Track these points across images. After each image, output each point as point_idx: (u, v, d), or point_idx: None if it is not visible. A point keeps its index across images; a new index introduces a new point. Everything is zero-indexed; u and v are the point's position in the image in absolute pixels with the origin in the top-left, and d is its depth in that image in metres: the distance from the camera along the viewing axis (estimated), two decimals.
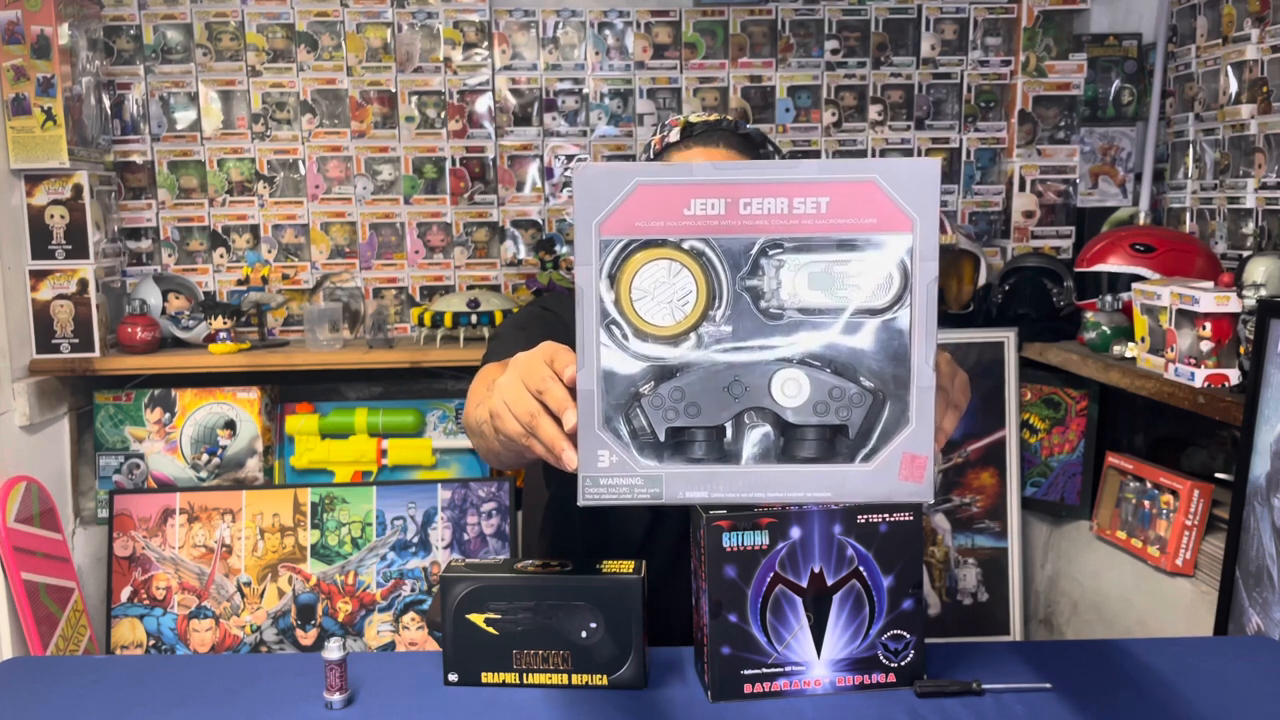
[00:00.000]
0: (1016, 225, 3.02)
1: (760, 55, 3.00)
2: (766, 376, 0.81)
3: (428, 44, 2.95)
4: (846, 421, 0.81)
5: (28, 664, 1.71)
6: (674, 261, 0.80)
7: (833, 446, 0.82)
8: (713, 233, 0.79)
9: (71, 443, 2.76)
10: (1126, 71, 3.05)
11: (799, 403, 0.81)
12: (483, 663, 1.30)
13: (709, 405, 0.81)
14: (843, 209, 0.79)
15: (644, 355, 0.81)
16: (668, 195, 0.79)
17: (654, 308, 0.81)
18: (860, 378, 0.81)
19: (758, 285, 0.81)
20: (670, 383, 0.81)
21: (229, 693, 1.32)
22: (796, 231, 0.79)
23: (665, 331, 0.81)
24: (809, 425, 0.81)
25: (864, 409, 0.81)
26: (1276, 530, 1.83)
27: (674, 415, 0.81)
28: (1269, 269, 2.10)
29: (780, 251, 0.80)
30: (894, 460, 0.81)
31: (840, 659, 1.28)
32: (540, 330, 1.40)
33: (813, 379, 0.80)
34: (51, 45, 2.50)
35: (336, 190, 2.98)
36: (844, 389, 0.80)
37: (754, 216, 0.79)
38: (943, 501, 2.77)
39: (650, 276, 0.80)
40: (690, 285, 0.80)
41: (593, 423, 0.82)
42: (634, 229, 0.80)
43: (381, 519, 2.77)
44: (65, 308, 2.60)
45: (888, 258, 0.79)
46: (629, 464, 0.81)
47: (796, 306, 0.80)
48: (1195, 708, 1.25)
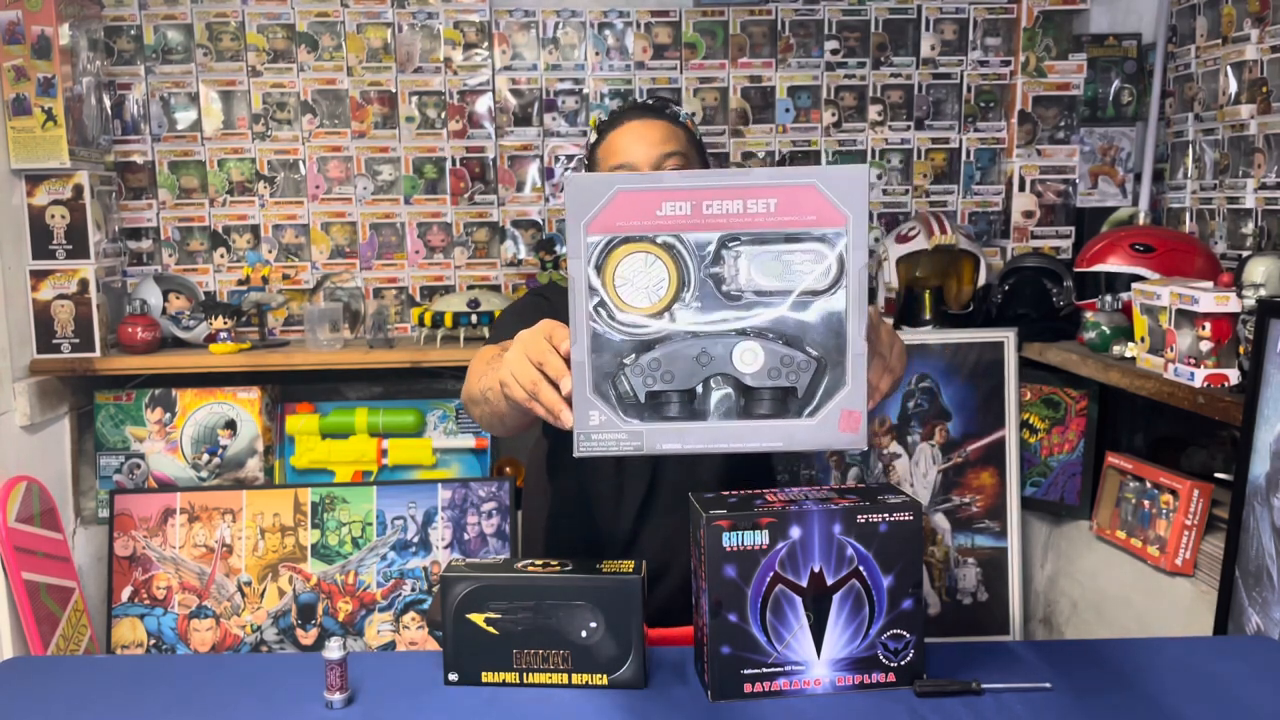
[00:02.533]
0: (1016, 225, 3.02)
1: (760, 55, 3.00)
2: (728, 348, 0.97)
3: (428, 44, 2.95)
4: (795, 384, 0.97)
5: (28, 664, 1.71)
6: (649, 254, 0.97)
7: (784, 405, 0.98)
8: (681, 229, 0.96)
9: (72, 442, 2.76)
10: (1126, 72, 3.05)
11: (755, 369, 0.97)
12: (483, 662, 1.30)
13: (681, 372, 0.97)
14: (788, 208, 0.95)
15: (626, 332, 0.98)
16: (643, 200, 0.96)
17: (633, 292, 0.97)
18: (806, 347, 0.97)
19: (720, 272, 0.97)
20: (649, 354, 0.97)
21: (229, 692, 1.32)
22: (750, 227, 0.96)
23: (643, 312, 0.97)
24: (764, 388, 0.97)
25: (809, 373, 0.97)
26: (1276, 530, 1.84)
27: (652, 381, 0.98)
28: (1268, 269, 2.10)
29: (738, 244, 0.97)
30: (834, 415, 0.97)
31: (840, 658, 1.28)
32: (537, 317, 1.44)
33: (766, 349, 0.97)
34: (52, 45, 2.50)
35: (337, 190, 2.98)
36: (792, 357, 0.97)
37: (715, 215, 0.96)
38: (943, 501, 2.77)
39: (630, 266, 0.97)
40: (663, 273, 0.97)
41: (585, 389, 0.98)
42: (615, 228, 0.96)
43: (382, 519, 2.77)
44: (66, 308, 2.61)
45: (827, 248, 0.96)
46: (615, 422, 0.98)
47: (752, 289, 0.97)
48: (1195, 708, 1.25)
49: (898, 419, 2.76)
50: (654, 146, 1.60)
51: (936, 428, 2.76)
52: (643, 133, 1.61)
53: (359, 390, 2.95)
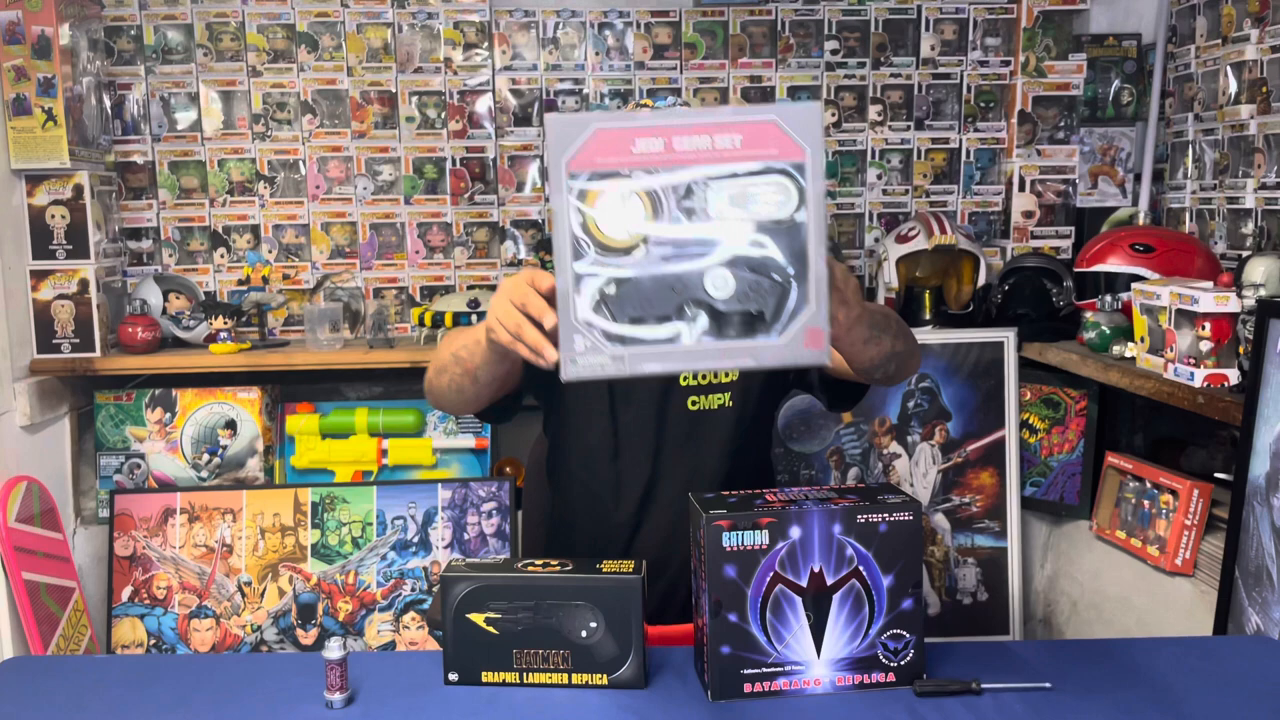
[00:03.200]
0: (1016, 225, 3.02)
1: (760, 55, 3.01)
2: (700, 275, 1.03)
3: (428, 44, 2.95)
4: (763, 307, 1.04)
5: (28, 663, 1.71)
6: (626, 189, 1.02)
7: (753, 326, 1.04)
8: (654, 164, 1.02)
9: (72, 442, 2.76)
10: (1126, 72, 3.05)
11: (726, 294, 1.03)
12: (483, 662, 1.31)
13: (658, 299, 1.03)
14: (752, 144, 1.02)
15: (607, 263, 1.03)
16: (619, 137, 1.02)
17: (614, 226, 1.02)
18: (771, 272, 1.03)
19: (691, 205, 1.03)
20: (628, 284, 1.03)
21: (229, 692, 1.32)
22: (718, 161, 1.02)
23: (622, 244, 1.03)
24: (734, 311, 1.04)
25: (775, 296, 1.04)
26: (1276, 530, 1.84)
27: (633, 307, 1.04)
28: (1268, 269, 2.11)
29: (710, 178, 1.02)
30: (799, 334, 1.04)
31: (840, 658, 1.28)
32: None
33: (736, 275, 1.03)
34: (52, 45, 2.50)
35: (337, 190, 2.98)
36: (760, 282, 1.03)
37: (685, 151, 1.02)
38: (942, 501, 2.77)
39: (609, 201, 1.02)
40: (642, 206, 1.02)
41: (570, 316, 1.03)
42: (594, 164, 1.02)
43: (382, 519, 2.77)
44: (66, 308, 2.61)
45: (788, 180, 1.02)
46: (599, 347, 1.03)
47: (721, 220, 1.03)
48: (1195, 707, 1.25)
49: (898, 419, 2.76)
50: None
51: (936, 428, 2.76)
52: None
53: (359, 390, 2.95)
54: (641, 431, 1.67)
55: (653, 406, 1.68)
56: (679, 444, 1.67)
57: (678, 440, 1.67)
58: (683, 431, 1.67)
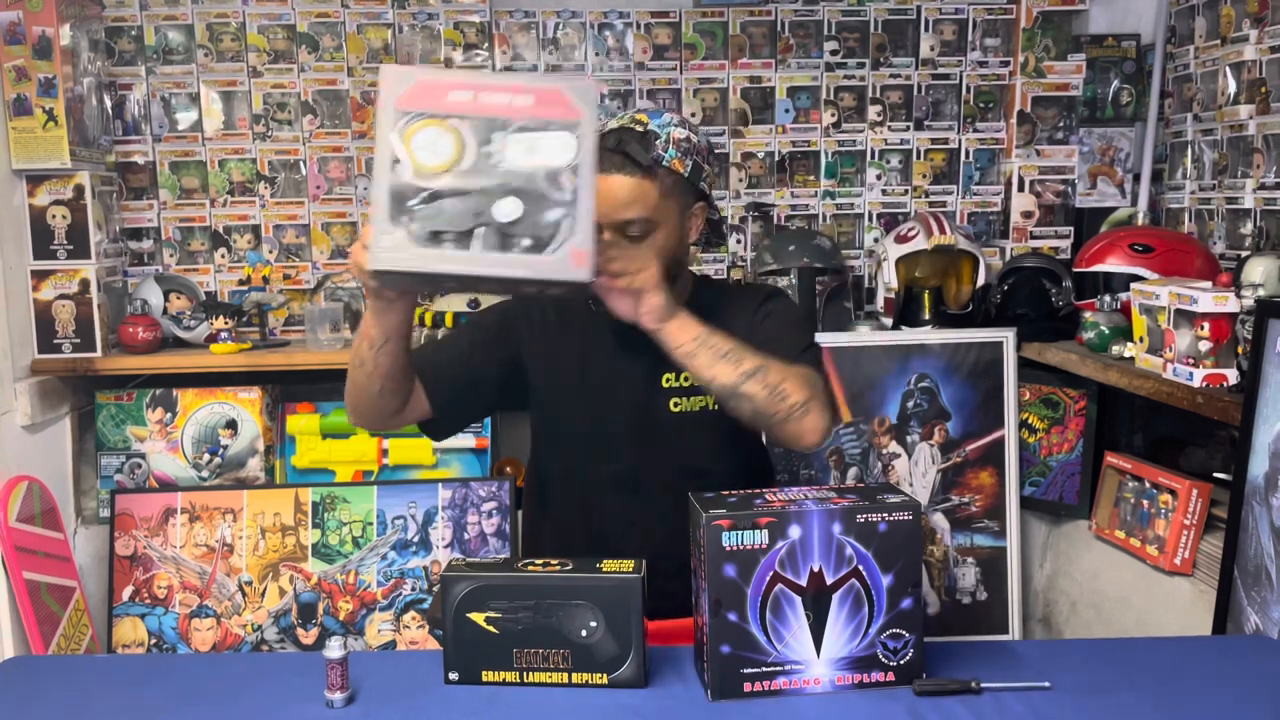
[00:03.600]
0: (1015, 225, 3.02)
1: (760, 56, 3.01)
2: (494, 199, 1.23)
3: (428, 45, 2.95)
4: (541, 232, 1.24)
5: (29, 663, 1.72)
6: (439, 128, 1.23)
7: (534, 245, 1.24)
8: (463, 111, 1.23)
9: (73, 442, 2.76)
10: (1125, 72, 3.05)
11: (514, 218, 1.23)
12: (483, 661, 1.31)
13: (458, 216, 1.23)
14: (543, 104, 1.24)
15: (418, 185, 1.23)
16: (437, 87, 1.24)
17: (426, 155, 1.23)
18: (550, 204, 1.24)
19: (490, 148, 1.24)
20: (436, 202, 1.23)
21: (230, 692, 1.32)
22: (514, 115, 1.24)
23: (432, 170, 1.23)
24: (518, 233, 1.24)
25: (552, 225, 1.24)
26: (1275, 530, 1.84)
27: (434, 222, 1.23)
28: (1267, 269, 2.11)
29: (505, 129, 1.24)
30: (567, 253, 1.24)
31: (839, 658, 1.28)
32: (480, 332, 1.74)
33: (522, 203, 1.24)
34: (53, 46, 2.50)
35: (337, 190, 2.98)
36: (541, 210, 1.24)
37: (489, 103, 1.23)
38: (942, 501, 2.77)
39: (424, 136, 1.23)
40: (450, 143, 1.23)
41: (382, 216, 1.23)
42: (416, 105, 1.23)
43: (382, 518, 2.78)
44: (67, 308, 2.61)
45: (569, 134, 1.24)
46: (404, 245, 1.23)
47: (514, 161, 1.24)
48: (1194, 707, 1.26)
49: (897, 419, 2.76)
50: (616, 209, 1.55)
51: (936, 427, 2.76)
52: (609, 188, 1.54)
53: None
54: (625, 434, 1.67)
55: (635, 409, 1.68)
56: (664, 446, 1.67)
57: (662, 442, 1.67)
58: (666, 433, 1.67)
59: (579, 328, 1.72)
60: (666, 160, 1.58)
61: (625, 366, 1.68)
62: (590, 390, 1.69)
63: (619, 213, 1.56)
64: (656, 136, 1.59)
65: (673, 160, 1.58)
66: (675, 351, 1.46)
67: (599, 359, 1.70)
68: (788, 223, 3.07)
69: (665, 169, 1.58)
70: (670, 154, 1.58)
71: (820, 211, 3.08)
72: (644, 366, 1.67)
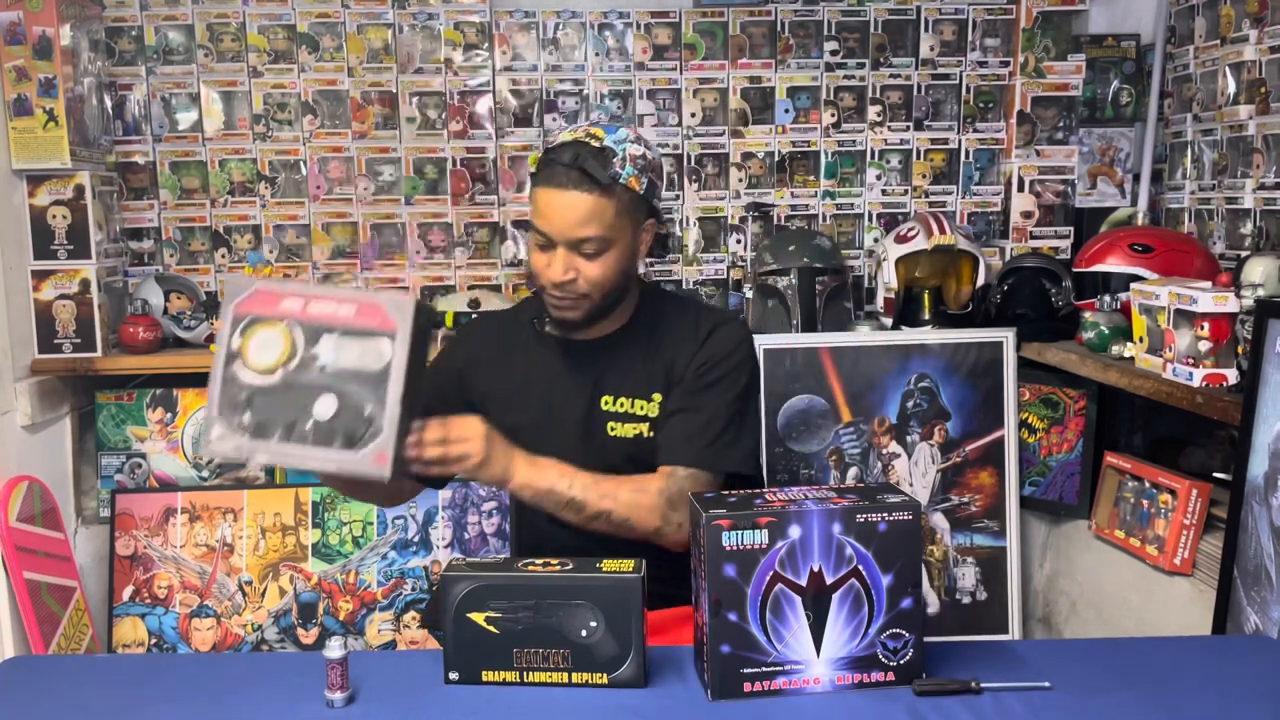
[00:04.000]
0: (1015, 226, 3.03)
1: (760, 56, 3.01)
2: (315, 397, 1.37)
3: (428, 45, 2.95)
4: (354, 429, 1.37)
5: (29, 663, 1.72)
6: (273, 330, 1.38)
7: (347, 440, 1.37)
8: (294, 319, 1.38)
9: (73, 442, 2.76)
10: (1125, 72, 3.05)
11: (329, 416, 1.37)
12: (483, 661, 1.31)
13: (284, 410, 1.37)
14: (363, 314, 1.38)
15: (250, 381, 1.37)
16: (272, 296, 1.39)
17: (259, 354, 1.38)
18: (364, 406, 1.37)
19: (317, 350, 1.37)
20: (263, 397, 1.37)
21: (230, 692, 1.32)
22: (337, 323, 1.38)
23: (263, 368, 1.37)
24: (334, 429, 1.37)
25: (363, 424, 1.37)
26: (1275, 529, 1.84)
27: (261, 414, 1.37)
28: (1267, 269, 2.11)
29: (331, 334, 1.38)
30: (371, 453, 1.37)
31: (839, 657, 1.28)
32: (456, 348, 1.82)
33: (339, 402, 1.37)
34: (53, 46, 2.51)
35: (338, 191, 2.99)
36: (356, 410, 1.37)
37: (316, 312, 1.38)
38: (942, 501, 2.77)
39: (260, 338, 1.38)
40: (281, 344, 1.37)
41: (215, 408, 1.38)
42: (254, 310, 1.39)
43: (382, 518, 2.78)
44: (67, 308, 2.61)
45: (384, 341, 1.37)
46: (231, 436, 1.37)
47: (337, 364, 1.37)
48: (1194, 707, 1.26)
49: (897, 419, 2.76)
50: (572, 227, 1.55)
51: (936, 427, 2.76)
52: (566, 205, 1.55)
53: None
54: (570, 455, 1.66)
55: (577, 428, 1.68)
56: (608, 467, 1.65)
57: (605, 463, 1.65)
58: (605, 457, 1.66)
59: (522, 350, 1.74)
60: (624, 178, 1.56)
61: (566, 386, 1.69)
62: (535, 409, 1.70)
63: (575, 230, 1.56)
64: (614, 153, 1.56)
65: (630, 178, 1.57)
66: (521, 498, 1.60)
67: (542, 379, 1.71)
68: (788, 223, 3.07)
69: (622, 187, 1.57)
70: (627, 171, 1.57)
71: (820, 211, 3.08)
72: (584, 386, 1.68)
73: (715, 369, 1.65)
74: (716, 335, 1.67)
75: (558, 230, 1.57)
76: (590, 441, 1.67)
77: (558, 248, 1.58)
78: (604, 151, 1.56)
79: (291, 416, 1.37)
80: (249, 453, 1.37)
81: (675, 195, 3.05)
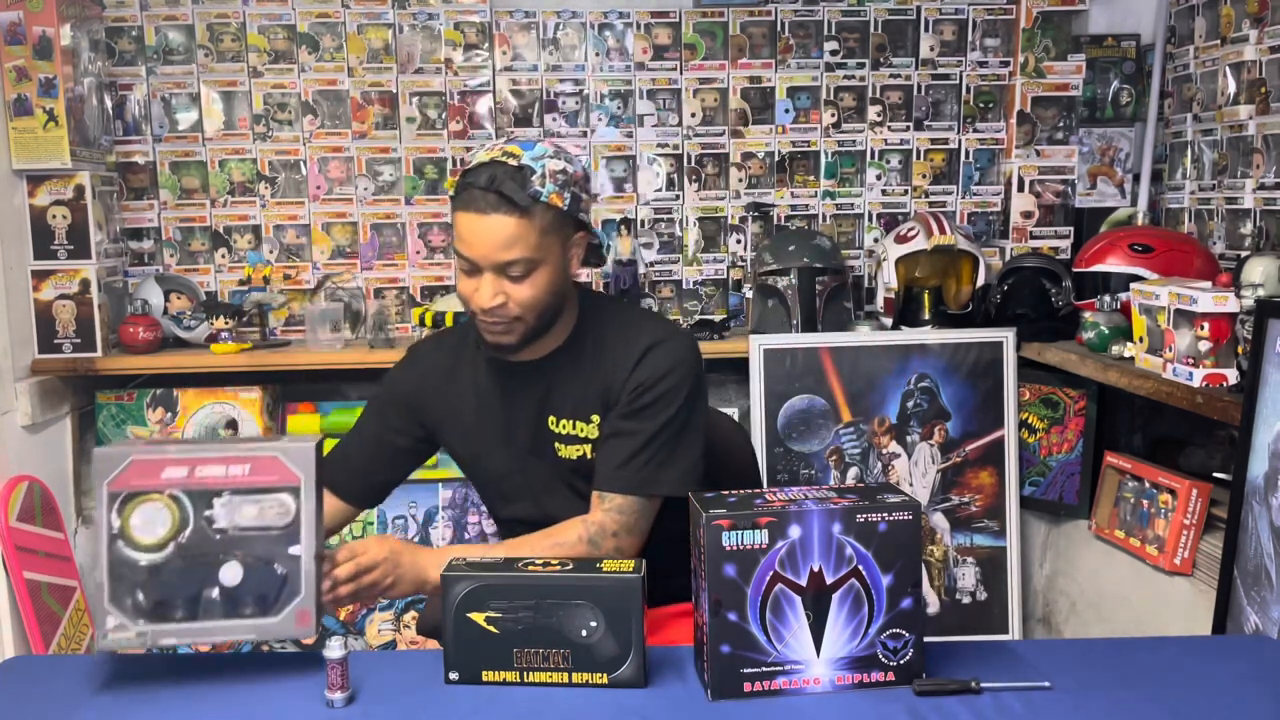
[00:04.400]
0: (1015, 225, 3.03)
1: (760, 56, 3.01)
2: (218, 567, 1.30)
3: (429, 45, 2.95)
4: (266, 592, 1.30)
5: (29, 663, 1.72)
6: (157, 502, 1.28)
7: (259, 607, 1.30)
8: (180, 487, 1.29)
9: (73, 442, 2.76)
10: (1125, 72, 3.05)
11: (236, 583, 1.29)
12: (483, 661, 1.31)
13: (183, 587, 1.29)
14: (259, 471, 1.30)
15: (139, 560, 1.28)
16: (151, 465, 1.29)
17: (145, 531, 1.28)
18: (275, 566, 1.30)
19: (211, 514, 1.30)
20: (157, 576, 1.29)
21: (230, 692, 1.32)
22: (231, 485, 1.30)
23: (152, 544, 1.28)
24: (243, 596, 1.30)
25: (276, 585, 1.30)
26: (1274, 529, 1.84)
27: (159, 594, 1.29)
28: (1267, 269, 2.11)
29: (222, 497, 1.30)
30: (292, 615, 1.30)
31: (839, 657, 1.28)
32: (380, 402, 1.77)
33: (245, 568, 1.30)
34: (53, 46, 2.51)
35: (338, 191, 2.99)
36: (265, 573, 1.30)
37: (205, 476, 1.30)
38: (942, 501, 2.77)
39: (142, 513, 1.28)
40: (168, 517, 1.29)
41: (103, 600, 1.28)
42: (130, 485, 1.28)
43: (383, 518, 2.78)
44: (67, 308, 2.61)
45: (288, 497, 1.30)
46: (128, 625, 1.28)
47: (237, 526, 1.30)
48: (1194, 706, 1.26)
49: (897, 419, 2.76)
50: (496, 250, 1.50)
51: (936, 427, 2.76)
52: (486, 229, 1.49)
53: (360, 390, 2.95)
54: (522, 476, 1.67)
55: (526, 450, 1.67)
56: (559, 487, 1.66)
57: (555, 485, 1.66)
58: (557, 476, 1.67)
59: (470, 372, 1.71)
60: (545, 196, 1.50)
61: (514, 407, 1.67)
62: (484, 433, 1.69)
63: (498, 254, 1.50)
64: (532, 171, 1.50)
65: (551, 195, 1.51)
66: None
67: (493, 402, 1.69)
68: (788, 223, 3.07)
69: (544, 205, 1.50)
70: (548, 189, 1.50)
71: (820, 211, 3.08)
72: (530, 408, 1.66)
73: (648, 392, 1.58)
74: (651, 356, 1.59)
75: (480, 255, 1.51)
76: (542, 463, 1.67)
77: (484, 273, 1.52)
78: (521, 170, 1.49)
79: (193, 590, 1.29)
80: (153, 639, 1.28)
81: (675, 195, 3.05)
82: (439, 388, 1.72)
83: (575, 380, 1.64)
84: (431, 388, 1.72)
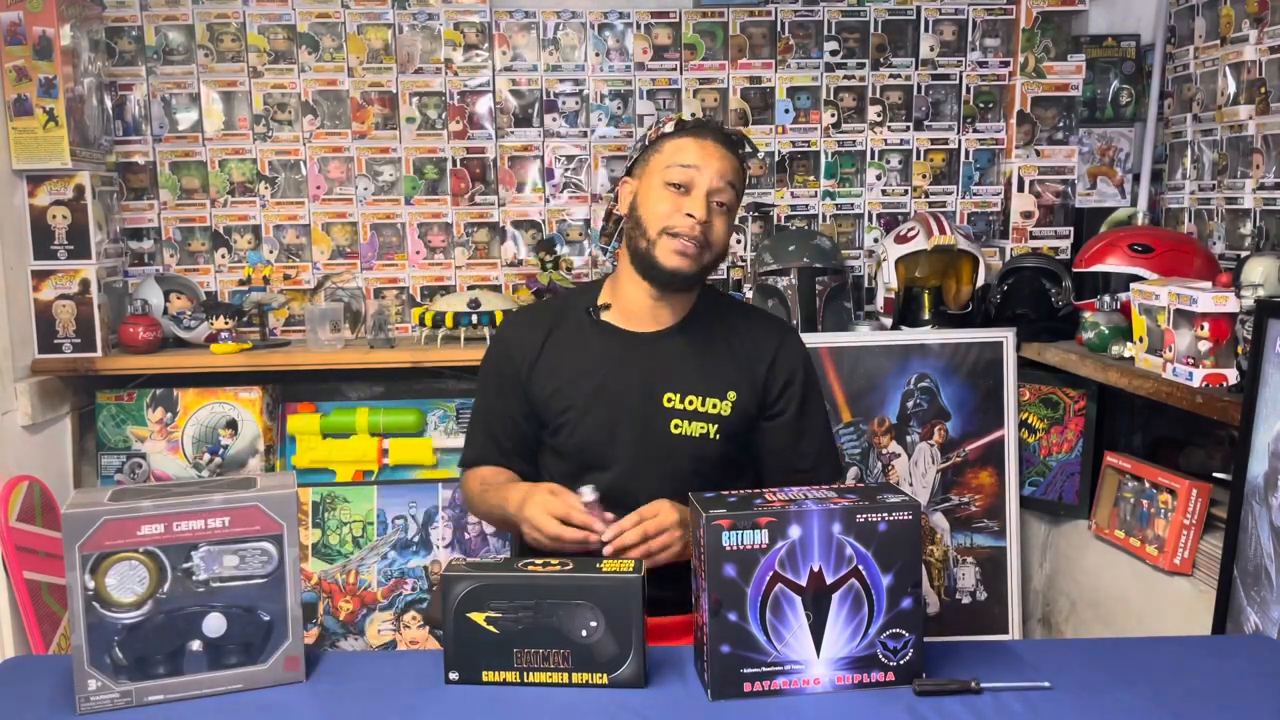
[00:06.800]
0: (1015, 226, 3.03)
1: (760, 56, 3.01)
2: (201, 618, 1.28)
3: (428, 45, 2.95)
4: (251, 640, 1.30)
5: (29, 663, 1.72)
6: (133, 560, 1.25)
7: (245, 655, 1.30)
8: (156, 543, 1.26)
9: (73, 442, 2.76)
10: (1125, 72, 3.05)
11: (220, 634, 1.29)
12: (484, 661, 1.31)
13: (164, 641, 1.27)
14: (239, 523, 1.28)
15: (118, 619, 1.25)
16: (126, 525, 1.25)
17: (122, 590, 1.25)
18: (259, 613, 1.29)
19: (190, 567, 1.27)
20: (136, 633, 1.26)
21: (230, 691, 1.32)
22: (212, 538, 1.27)
23: (130, 603, 1.26)
24: (228, 646, 1.29)
25: (262, 632, 1.30)
26: (1274, 529, 1.84)
27: (140, 651, 1.26)
28: (1267, 269, 2.11)
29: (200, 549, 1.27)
30: (280, 660, 1.31)
31: (839, 657, 1.28)
32: (492, 382, 1.80)
33: (229, 618, 1.29)
34: (53, 46, 2.51)
35: (338, 191, 2.99)
36: (249, 622, 1.29)
37: (183, 531, 1.27)
38: (941, 501, 2.77)
39: (118, 571, 1.25)
40: (144, 574, 1.26)
41: (84, 660, 1.25)
42: (104, 546, 1.24)
43: (383, 518, 2.78)
44: (67, 308, 2.61)
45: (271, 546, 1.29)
46: (110, 686, 1.25)
47: (217, 578, 1.28)
48: (1194, 706, 1.26)
49: (897, 419, 2.76)
50: (717, 177, 1.65)
51: (935, 427, 2.76)
52: (716, 156, 1.66)
53: (360, 390, 2.96)
54: (625, 445, 1.69)
55: (636, 421, 1.69)
56: (661, 463, 1.68)
57: (659, 459, 1.69)
58: (665, 452, 1.69)
59: (573, 334, 1.75)
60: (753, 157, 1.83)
61: (629, 378, 1.70)
62: (595, 398, 1.71)
63: (718, 180, 1.65)
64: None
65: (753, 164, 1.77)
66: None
67: (605, 368, 1.72)
68: (788, 223, 3.07)
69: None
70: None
71: (820, 211, 3.08)
72: (647, 382, 1.70)
73: (802, 385, 1.76)
74: (787, 348, 1.77)
75: (705, 176, 1.65)
76: (651, 438, 1.69)
77: (696, 193, 1.65)
78: (740, 134, 1.75)
79: (175, 644, 1.27)
80: (138, 698, 1.26)
81: None
82: (555, 347, 1.76)
83: (700, 357, 1.72)
84: (532, 349, 1.76)
